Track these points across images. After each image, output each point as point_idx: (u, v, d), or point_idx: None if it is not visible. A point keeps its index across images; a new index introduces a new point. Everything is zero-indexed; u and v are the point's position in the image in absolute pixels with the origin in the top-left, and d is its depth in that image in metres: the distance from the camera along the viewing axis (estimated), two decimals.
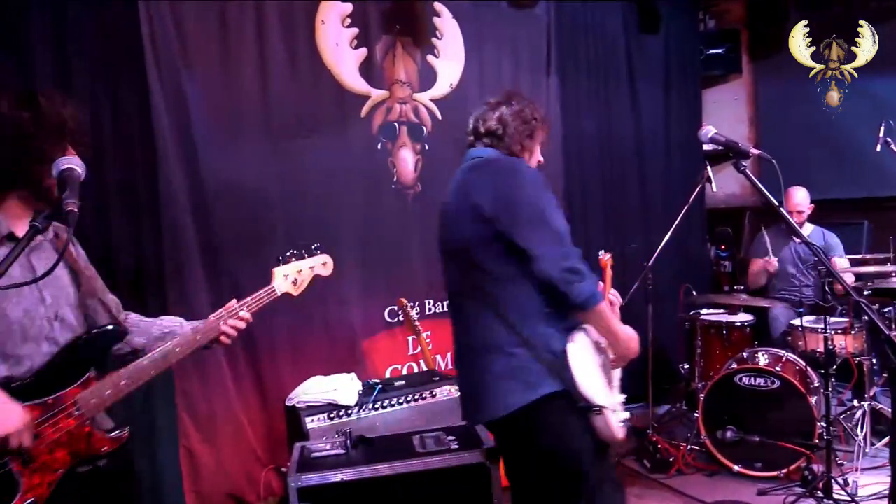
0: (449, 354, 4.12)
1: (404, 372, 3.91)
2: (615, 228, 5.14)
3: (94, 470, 1.86)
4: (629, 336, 2.19)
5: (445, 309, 4.06)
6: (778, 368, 3.77)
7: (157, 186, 3.19)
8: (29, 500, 1.73)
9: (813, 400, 3.73)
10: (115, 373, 1.87)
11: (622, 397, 2.32)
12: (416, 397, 3.29)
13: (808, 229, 4.83)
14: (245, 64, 3.43)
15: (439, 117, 4.06)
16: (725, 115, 5.88)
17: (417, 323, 3.80)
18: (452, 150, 4.09)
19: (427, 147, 4.02)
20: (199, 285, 3.31)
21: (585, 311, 2.06)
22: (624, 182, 5.17)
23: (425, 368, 3.86)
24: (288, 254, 2.22)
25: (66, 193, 1.68)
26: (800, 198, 4.73)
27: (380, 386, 3.28)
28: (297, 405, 3.11)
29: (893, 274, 4.01)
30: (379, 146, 3.86)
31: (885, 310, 4.12)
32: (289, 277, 2.20)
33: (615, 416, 2.12)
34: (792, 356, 3.96)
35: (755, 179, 2.44)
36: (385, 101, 3.86)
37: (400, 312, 3.87)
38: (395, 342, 3.91)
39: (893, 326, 4.06)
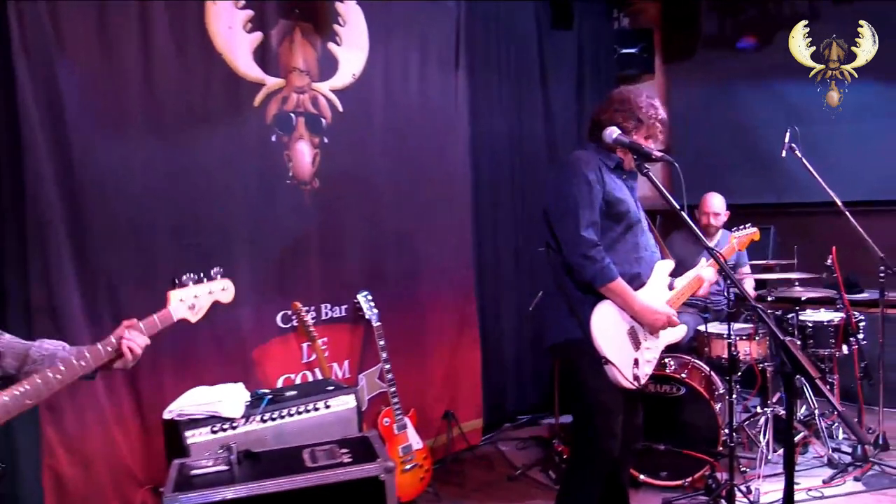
0: (346, 362, 4.10)
1: (298, 381, 3.86)
2: (525, 230, 5.23)
3: None
4: (646, 309, 2.89)
5: (343, 313, 4.06)
6: (684, 375, 3.93)
7: (24, 183, 3.03)
8: None
9: (717, 407, 3.90)
10: None
11: (651, 356, 2.99)
12: (308, 408, 3.24)
13: (718, 234, 5.05)
14: (127, 48, 3.29)
15: (340, 109, 4.03)
16: None
17: (312, 329, 3.77)
18: (354, 143, 4.11)
19: (326, 140, 3.98)
20: (69, 290, 3.14)
21: (597, 287, 2.81)
22: (534, 183, 5.27)
23: (321, 377, 3.83)
24: (185, 277, 2.27)
25: None
26: (715, 203, 4.94)
27: (269, 396, 3.22)
28: (177, 418, 3.01)
29: (796, 282, 4.25)
30: (273, 138, 3.79)
31: (788, 316, 4.36)
32: (185, 302, 2.25)
33: (627, 369, 2.85)
34: (698, 362, 4.13)
35: (657, 182, 2.55)
36: (281, 90, 3.80)
37: (294, 317, 3.82)
38: (289, 349, 3.85)
39: (797, 334, 4.30)
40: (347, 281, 4.07)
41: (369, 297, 3.99)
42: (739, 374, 4.24)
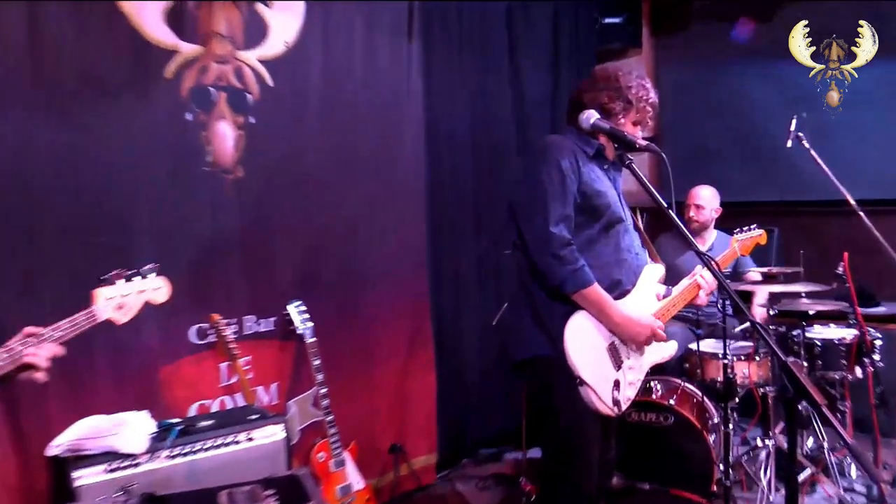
0: (274, 386, 4.04)
1: (215, 408, 3.80)
2: (489, 229, 5.23)
3: None
4: (628, 321, 2.86)
5: (271, 327, 4.01)
6: (672, 401, 3.95)
7: None
8: None
9: (711, 439, 3.93)
10: None
11: (634, 377, 2.97)
12: (227, 441, 3.20)
13: (712, 235, 5.10)
14: (9, 3, 3.21)
15: (270, 83, 3.97)
16: None
17: (234, 345, 3.72)
18: (286, 125, 4.06)
19: (253, 120, 3.92)
20: None
21: (568, 293, 2.79)
22: (501, 173, 5.27)
23: (243, 403, 3.78)
24: (113, 273, 2.47)
25: None
26: (702, 194, 5.00)
27: (180, 427, 3.17)
28: (64, 454, 2.94)
29: (802, 293, 4.30)
30: (189, 116, 3.71)
31: (793, 333, 4.40)
32: (113, 301, 2.45)
33: (606, 392, 2.83)
34: (689, 387, 4.16)
35: (641, 175, 2.56)
36: (198, 59, 3.73)
37: (211, 332, 3.76)
38: (204, 370, 3.78)
39: (803, 354, 4.34)
40: (276, 289, 4.02)
41: (302, 309, 3.95)
42: (737, 400, 4.27)
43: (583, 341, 2.84)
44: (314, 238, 4.20)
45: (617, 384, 2.90)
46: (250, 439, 3.27)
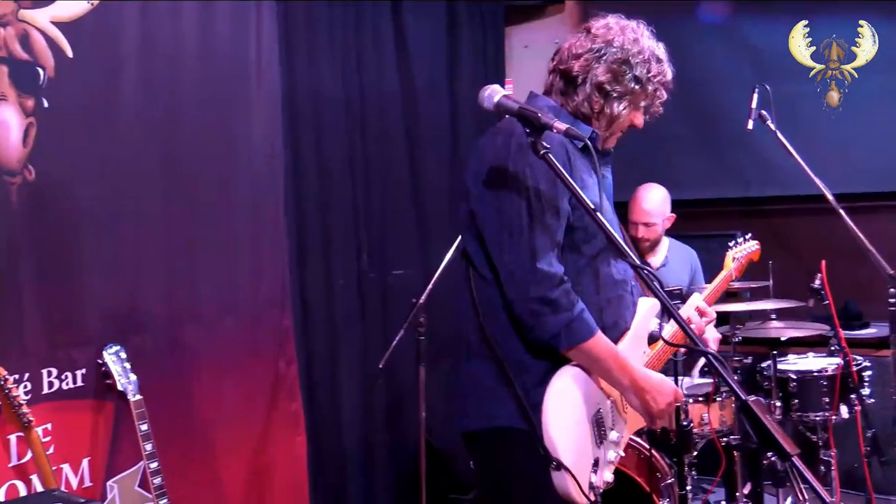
0: (86, 462, 3.95)
1: (2, 497, 3.68)
2: (373, 243, 5.23)
3: None
4: (651, 384, 2.74)
5: (80, 383, 3.92)
6: None
7: None
8: None
9: None
10: None
11: (614, 455, 2.91)
12: None
13: (664, 246, 5.20)
14: None
15: (69, 53, 3.90)
16: (541, 67, 6.18)
17: (26, 410, 3.60)
18: (92, 108, 4.02)
19: (46, 104, 3.83)
20: None
21: (562, 349, 2.66)
22: (386, 170, 5.31)
23: (41, 488, 3.67)
24: None
25: None
26: (651, 206, 5.06)
27: None
28: None
29: (773, 313, 4.40)
30: None
31: (763, 365, 4.51)
32: None
33: (583, 475, 2.72)
34: (634, 439, 4.21)
35: (563, 173, 2.56)
36: None
37: None
38: None
39: (776, 391, 4.44)
40: (86, 330, 3.94)
41: (122, 356, 3.90)
42: (695, 454, 4.35)
43: (567, 412, 2.72)
44: (136, 261, 4.13)
45: (596, 464, 2.81)
46: None
